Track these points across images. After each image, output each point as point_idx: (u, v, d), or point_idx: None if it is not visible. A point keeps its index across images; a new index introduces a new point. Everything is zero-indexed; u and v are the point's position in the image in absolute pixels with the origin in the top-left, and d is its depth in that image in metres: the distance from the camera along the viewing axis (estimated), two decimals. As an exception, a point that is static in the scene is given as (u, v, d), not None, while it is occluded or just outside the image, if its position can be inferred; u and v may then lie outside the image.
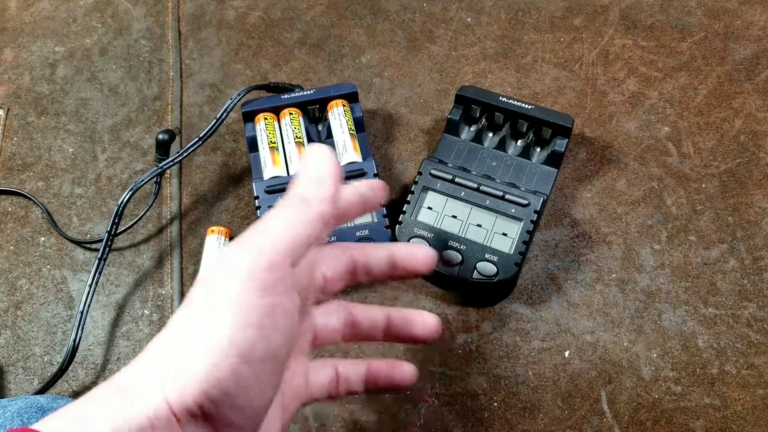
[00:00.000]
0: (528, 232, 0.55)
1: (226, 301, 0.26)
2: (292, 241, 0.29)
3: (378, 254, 0.35)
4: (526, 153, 0.60)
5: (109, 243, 0.57)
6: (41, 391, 0.54)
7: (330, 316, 0.35)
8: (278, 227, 0.29)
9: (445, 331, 0.48)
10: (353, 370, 0.36)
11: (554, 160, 0.59)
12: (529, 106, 0.60)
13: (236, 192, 0.63)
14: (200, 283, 0.28)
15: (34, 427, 0.25)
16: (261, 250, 0.28)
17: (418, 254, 0.36)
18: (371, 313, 0.36)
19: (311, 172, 0.31)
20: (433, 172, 0.58)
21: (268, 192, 0.57)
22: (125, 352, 0.56)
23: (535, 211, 0.56)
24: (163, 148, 0.61)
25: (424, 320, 0.36)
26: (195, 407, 0.25)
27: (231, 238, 0.60)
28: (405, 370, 0.36)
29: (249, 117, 0.62)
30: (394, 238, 0.56)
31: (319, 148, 0.32)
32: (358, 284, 0.37)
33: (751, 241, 0.58)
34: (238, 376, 0.26)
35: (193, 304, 0.28)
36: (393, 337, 0.36)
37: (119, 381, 0.27)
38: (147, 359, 0.27)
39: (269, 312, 0.27)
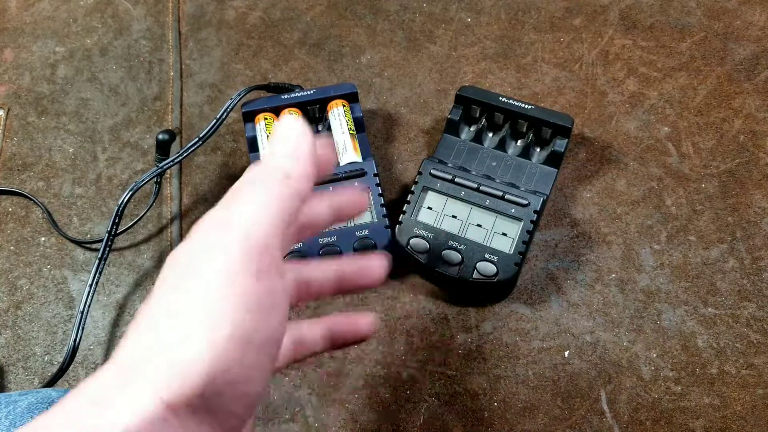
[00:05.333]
0: (528, 232, 0.55)
1: (221, 286, 0.25)
2: (278, 220, 0.27)
3: (325, 271, 0.34)
4: (526, 153, 0.60)
5: (110, 243, 0.57)
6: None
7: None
8: (265, 204, 0.27)
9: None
10: (311, 330, 0.35)
11: (554, 160, 0.59)
12: (529, 106, 0.60)
13: (236, 192, 0.63)
14: (179, 267, 0.26)
15: None
16: (250, 234, 0.26)
17: (371, 267, 0.34)
18: (322, 270, 0.34)
19: (288, 146, 0.29)
20: (433, 172, 0.58)
21: (268, 192, 0.57)
22: (125, 352, 0.56)
23: (535, 211, 0.56)
24: (163, 148, 0.61)
25: (373, 269, 0.34)
26: (198, 399, 0.24)
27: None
28: (363, 322, 0.34)
29: (249, 117, 0.62)
30: (394, 238, 0.56)
31: (294, 122, 0.30)
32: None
33: (750, 241, 0.58)
34: (243, 361, 0.25)
35: (176, 290, 0.26)
36: (345, 290, 0.34)
37: (92, 391, 0.25)
38: (125, 358, 0.25)
39: (267, 294, 0.26)
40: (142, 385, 0.24)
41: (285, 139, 0.29)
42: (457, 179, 0.57)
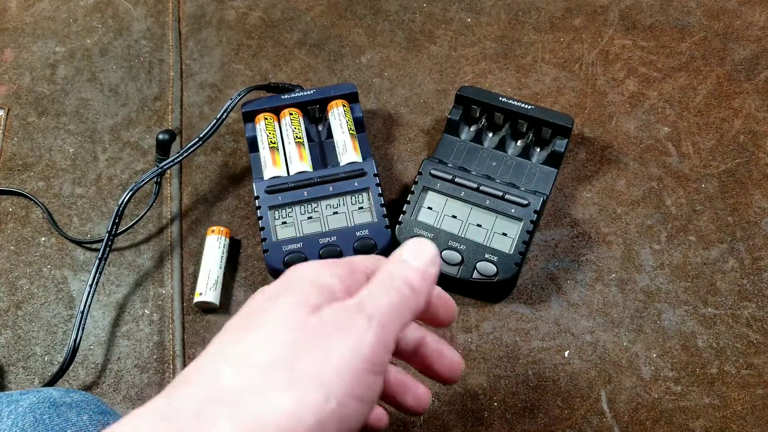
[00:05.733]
0: (528, 232, 0.55)
1: (344, 366, 0.26)
2: (400, 326, 0.29)
3: (409, 336, 0.34)
4: (526, 153, 0.60)
5: (110, 243, 0.57)
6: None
7: None
8: (393, 307, 0.29)
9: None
10: None
11: (554, 160, 0.59)
12: (529, 107, 0.60)
13: (236, 192, 0.63)
14: (298, 328, 0.27)
15: None
16: (384, 327, 0.28)
17: (448, 359, 0.35)
18: None
19: (421, 265, 0.31)
20: (433, 172, 0.58)
21: (268, 192, 0.57)
22: (126, 352, 0.56)
23: (535, 211, 0.56)
24: (163, 149, 0.61)
25: (418, 393, 0.34)
26: None
27: (231, 239, 0.60)
28: (376, 414, 0.35)
29: (249, 117, 0.62)
30: (394, 238, 0.56)
31: (431, 245, 0.31)
32: None
33: (750, 241, 0.58)
34: None
35: (293, 349, 0.26)
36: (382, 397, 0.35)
37: (162, 415, 0.25)
38: (217, 394, 0.25)
39: (370, 388, 0.27)
40: (226, 423, 0.24)
41: (417, 257, 0.31)
42: (457, 179, 0.57)
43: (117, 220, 0.57)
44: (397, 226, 0.57)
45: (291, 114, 0.62)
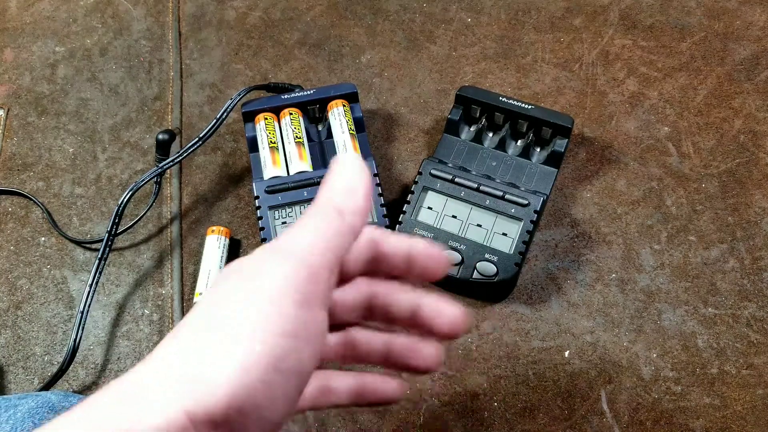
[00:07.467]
0: (528, 232, 0.55)
1: (261, 307, 0.26)
2: (330, 253, 0.28)
3: (402, 304, 0.33)
4: (526, 153, 0.60)
5: (110, 243, 0.57)
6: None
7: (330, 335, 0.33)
8: (315, 237, 0.28)
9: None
10: (339, 382, 0.34)
11: (554, 160, 0.59)
12: (529, 107, 0.60)
13: (236, 192, 0.63)
14: (223, 286, 0.27)
15: None
16: (301, 259, 0.27)
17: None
18: (371, 338, 0.33)
19: (343, 182, 0.29)
20: (433, 172, 0.58)
21: (268, 192, 0.57)
22: (125, 352, 0.56)
23: (535, 211, 0.56)
24: (163, 148, 0.61)
25: (425, 353, 0.34)
26: (220, 417, 0.24)
27: (231, 239, 0.60)
28: (392, 387, 0.34)
29: (249, 117, 0.62)
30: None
31: (352, 158, 0.30)
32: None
33: (750, 241, 0.58)
34: (269, 385, 0.25)
35: (217, 306, 0.26)
36: (392, 365, 0.34)
37: (122, 388, 0.25)
38: (157, 364, 0.25)
39: (305, 324, 0.26)
40: (170, 394, 0.24)
41: (339, 174, 0.30)
42: (457, 179, 0.57)
43: (117, 220, 0.57)
44: (397, 226, 0.57)
45: (291, 114, 0.62)
